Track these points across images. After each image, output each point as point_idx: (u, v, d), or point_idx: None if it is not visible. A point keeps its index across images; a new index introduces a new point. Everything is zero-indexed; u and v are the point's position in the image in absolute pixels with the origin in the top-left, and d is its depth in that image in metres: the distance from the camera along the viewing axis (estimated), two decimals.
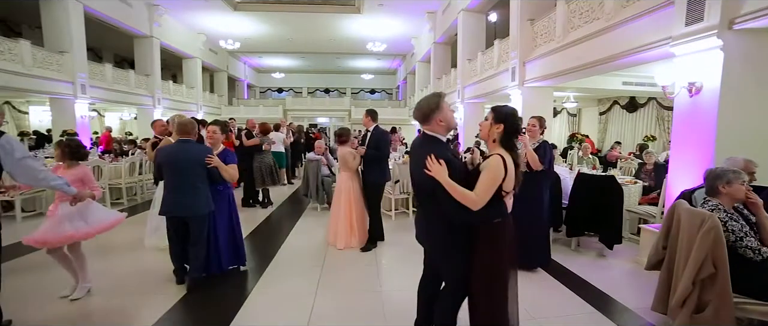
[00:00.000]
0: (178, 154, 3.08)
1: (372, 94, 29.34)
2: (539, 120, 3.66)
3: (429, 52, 15.45)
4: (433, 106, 1.88)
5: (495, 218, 1.83)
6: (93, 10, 11.13)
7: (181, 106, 16.74)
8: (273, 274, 3.68)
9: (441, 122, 1.89)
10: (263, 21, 15.87)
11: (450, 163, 1.77)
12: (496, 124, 1.86)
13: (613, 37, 4.93)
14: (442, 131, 1.92)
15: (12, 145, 2.37)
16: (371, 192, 4.35)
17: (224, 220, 3.45)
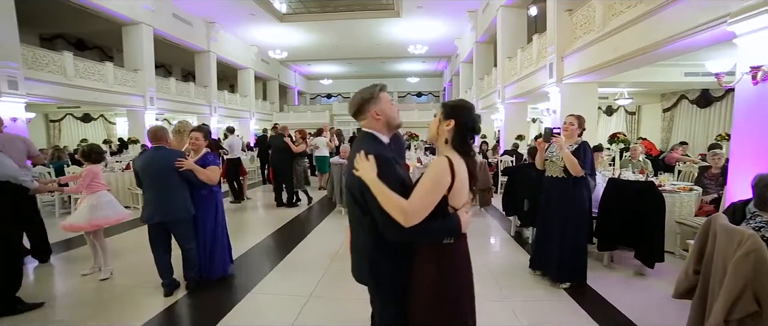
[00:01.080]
0: (152, 161, 3.12)
1: (418, 97, 29.04)
2: (578, 118, 3.19)
3: (471, 52, 14.86)
4: (366, 95, 1.50)
5: (442, 237, 1.38)
6: (161, 31, 12.31)
7: (235, 113, 17.90)
8: (274, 278, 3.66)
9: (378, 116, 1.48)
10: (308, 30, 16.42)
11: (386, 163, 1.37)
12: (446, 120, 1.42)
13: (658, 20, 4.25)
14: (381, 127, 1.51)
15: None
16: None
17: (210, 225, 3.40)
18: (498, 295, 3.21)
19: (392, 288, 1.47)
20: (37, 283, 3.62)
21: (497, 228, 5.43)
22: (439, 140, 1.47)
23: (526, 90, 8.84)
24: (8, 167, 2.99)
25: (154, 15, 11.81)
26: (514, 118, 10.22)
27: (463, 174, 1.38)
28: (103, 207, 3.50)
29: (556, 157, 3.15)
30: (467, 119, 1.41)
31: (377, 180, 1.32)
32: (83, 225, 3.45)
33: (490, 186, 6.12)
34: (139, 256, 4.02)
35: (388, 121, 1.50)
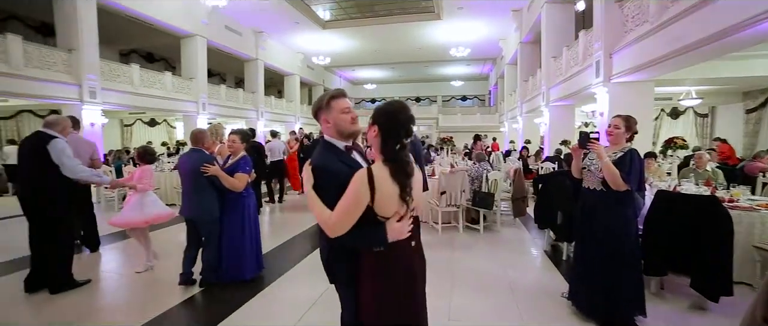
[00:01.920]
0: (185, 162, 3.33)
1: (463, 100, 28.22)
2: (626, 121, 2.63)
3: (516, 53, 14.07)
4: (318, 102, 1.51)
5: (369, 245, 1.37)
6: (214, 42, 13.14)
7: (281, 117, 18.57)
8: (288, 279, 3.59)
9: (327, 123, 1.49)
10: (350, 36, 16.60)
11: (322, 174, 1.39)
12: (371, 125, 1.36)
13: (724, 4, 3.53)
14: (333, 134, 1.49)
15: (59, 146, 3.17)
16: None
17: (236, 228, 3.39)
18: (517, 321, 2.79)
19: (347, 287, 1.51)
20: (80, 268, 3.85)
21: (530, 242, 4.90)
22: (373, 147, 1.41)
23: (572, 91, 8.05)
24: (74, 169, 3.24)
25: (209, 28, 12.59)
26: (559, 121, 9.39)
27: (387, 185, 1.30)
28: (148, 205, 3.70)
29: (595, 165, 2.63)
30: (388, 123, 1.33)
31: (311, 191, 1.38)
32: (133, 222, 3.66)
33: (525, 194, 5.58)
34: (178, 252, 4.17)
35: (338, 128, 1.48)
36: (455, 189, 5.20)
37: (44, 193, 3.20)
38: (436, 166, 6.87)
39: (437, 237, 5.06)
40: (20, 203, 3.32)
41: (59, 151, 3.20)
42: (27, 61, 7.94)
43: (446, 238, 5.00)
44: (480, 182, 5.34)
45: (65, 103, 8.77)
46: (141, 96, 10.57)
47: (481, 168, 5.43)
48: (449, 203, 5.22)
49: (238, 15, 13.60)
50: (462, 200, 5.22)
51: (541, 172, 7.33)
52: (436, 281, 3.59)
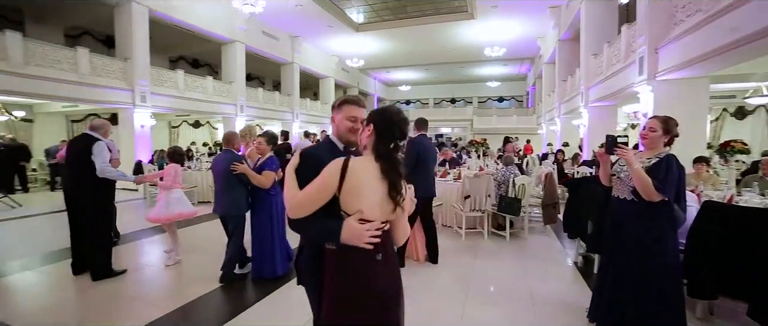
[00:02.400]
0: (217, 161, 3.56)
1: (500, 101, 27.31)
2: (663, 123, 2.30)
3: (554, 52, 13.34)
4: (336, 101, 1.59)
5: (322, 239, 1.34)
6: (252, 47, 13.67)
7: (316, 119, 18.95)
8: None
9: (333, 122, 1.57)
10: (383, 38, 16.60)
11: (309, 160, 1.40)
12: (367, 125, 1.38)
13: None
14: (336, 134, 1.55)
15: (100, 148, 3.49)
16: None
17: (264, 225, 3.51)
18: None
19: (313, 289, 1.49)
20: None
21: (559, 251, 4.57)
22: (366, 147, 1.39)
23: (612, 91, 7.45)
24: (104, 169, 3.53)
25: (247, 33, 13.14)
26: (599, 123, 8.74)
27: (361, 179, 1.27)
28: (173, 203, 3.95)
29: (625, 172, 2.34)
30: (383, 123, 1.34)
31: (291, 171, 1.38)
32: (159, 218, 3.91)
33: (556, 201, 5.22)
34: (209, 247, 4.44)
35: (338, 131, 1.53)
36: (480, 194, 4.97)
37: (87, 188, 3.50)
38: (464, 169, 6.64)
39: (460, 243, 4.87)
40: (64, 197, 3.64)
41: (99, 152, 3.50)
42: (92, 70, 8.73)
43: (469, 244, 4.79)
44: (507, 186, 5.07)
45: (121, 106, 9.50)
46: (185, 99, 11.22)
47: (508, 171, 5.15)
48: (473, 208, 5.00)
49: (275, 20, 14.05)
50: (487, 205, 4.98)
51: (576, 177, 6.84)
52: (451, 286, 3.46)
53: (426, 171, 3.86)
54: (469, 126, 22.22)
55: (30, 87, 7.73)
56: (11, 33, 7.50)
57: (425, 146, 3.87)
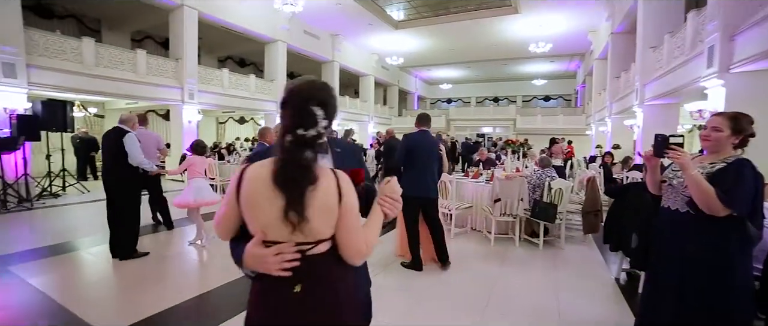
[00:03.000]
0: (252, 157, 3.68)
1: (546, 100, 25.77)
2: (732, 120, 1.84)
3: (607, 46, 12.22)
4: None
5: (237, 264, 1.05)
6: (293, 46, 14.00)
7: (355, 117, 19.06)
8: None
9: None
10: (422, 35, 16.26)
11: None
12: (281, 110, 1.07)
13: None
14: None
15: (131, 139, 3.72)
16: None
17: None
18: None
19: None
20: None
21: (599, 265, 4.07)
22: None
23: (673, 87, 6.59)
24: (136, 157, 3.78)
25: (289, 33, 13.45)
26: (655, 123, 7.79)
27: (256, 189, 0.97)
28: (197, 191, 4.21)
29: (680, 179, 1.91)
30: (286, 103, 1.01)
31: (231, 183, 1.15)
32: (183, 203, 4.22)
33: (598, 208, 4.67)
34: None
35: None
36: (512, 197, 4.58)
37: (119, 177, 3.77)
38: (498, 171, 6.22)
39: (488, 248, 4.52)
40: (103, 185, 3.89)
41: (130, 143, 3.73)
42: (148, 70, 9.38)
43: (498, 250, 4.43)
44: (542, 190, 4.62)
45: (171, 103, 10.13)
46: (229, 96, 11.73)
47: (544, 174, 4.70)
48: (504, 212, 4.62)
49: (316, 20, 14.25)
50: (519, 209, 4.57)
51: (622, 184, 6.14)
52: (470, 294, 3.19)
53: (420, 169, 3.59)
54: (512, 126, 21.18)
55: (99, 86, 8.48)
56: (86, 39, 8.37)
57: (417, 141, 3.60)
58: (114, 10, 11.09)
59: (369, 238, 1.05)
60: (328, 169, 1.00)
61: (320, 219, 0.96)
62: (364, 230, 1.05)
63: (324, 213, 0.96)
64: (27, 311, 2.75)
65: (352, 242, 1.00)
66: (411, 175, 3.56)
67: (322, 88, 1.03)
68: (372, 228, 1.08)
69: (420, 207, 3.63)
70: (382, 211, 1.09)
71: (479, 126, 23.32)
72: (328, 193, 0.96)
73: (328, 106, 1.01)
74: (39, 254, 4.00)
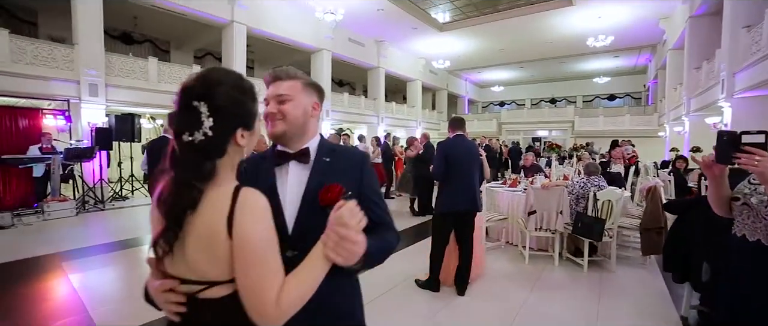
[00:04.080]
0: None
1: (611, 100, 23.15)
2: None
3: (683, 33, 10.46)
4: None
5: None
6: (338, 54, 14.15)
7: (402, 122, 18.75)
8: None
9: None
10: (470, 36, 15.50)
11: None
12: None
13: None
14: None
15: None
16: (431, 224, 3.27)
17: None
18: None
19: None
20: None
21: (660, 296, 3.23)
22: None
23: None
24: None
25: (333, 41, 13.61)
26: (749, 120, 6.32)
27: (152, 208, 0.81)
28: None
29: (761, 196, 1.33)
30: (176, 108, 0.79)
31: None
32: None
33: (661, 225, 3.77)
34: None
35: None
36: (549, 209, 3.89)
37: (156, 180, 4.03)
38: (538, 178, 5.44)
39: (520, 267, 3.89)
40: (148, 189, 4.14)
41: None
42: None
43: (532, 271, 3.77)
44: (586, 202, 3.87)
45: None
46: None
47: (590, 183, 3.93)
48: (539, 226, 3.94)
49: (359, 27, 14.25)
50: (558, 224, 3.86)
51: (703, 192, 4.99)
52: (486, 324, 2.64)
53: (460, 178, 3.08)
54: (570, 128, 19.29)
55: (162, 100, 9.29)
56: (151, 59, 9.39)
57: (454, 147, 3.10)
58: (179, 31, 12.14)
59: (287, 294, 0.73)
60: (230, 188, 0.75)
61: (199, 255, 0.73)
62: (289, 279, 0.75)
63: (204, 248, 0.72)
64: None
65: (251, 294, 0.72)
66: (452, 187, 3.09)
67: (208, 77, 0.78)
68: (300, 278, 0.76)
69: (455, 223, 3.13)
70: (325, 254, 0.78)
71: (533, 129, 21.64)
72: (212, 220, 0.72)
73: (214, 98, 0.75)
74: (110, 248, 4.45)
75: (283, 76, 1.00)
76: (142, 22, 11.60)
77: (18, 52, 7.32)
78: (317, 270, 0.77)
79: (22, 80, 7.27)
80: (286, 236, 0.91)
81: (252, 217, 0.72)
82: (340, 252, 0.76)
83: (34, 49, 7.55)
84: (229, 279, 0.74)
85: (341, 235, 0.76)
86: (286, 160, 0.99)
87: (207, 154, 0.74)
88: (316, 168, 0.98)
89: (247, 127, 0.81)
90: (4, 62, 7.04)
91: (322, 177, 0.96)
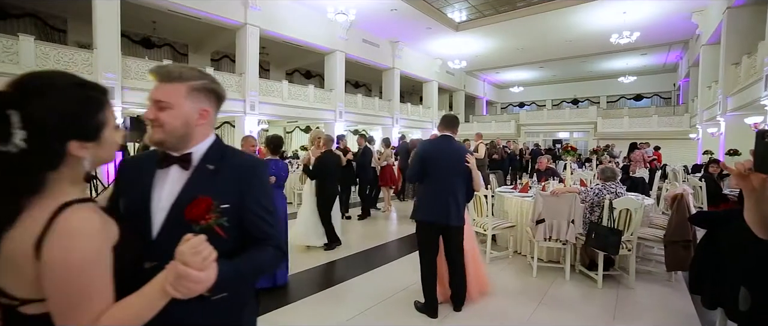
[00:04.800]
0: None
1: (637, 100, 21.92)
2: None
3: (719, 27, 9.64)
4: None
5: None
6: (352, 55, 14.00)
7: (417, 124, 18.41)
8: (315, 301, 2.94)
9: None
10: (487, 36, 15.02)
11: None
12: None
13: None
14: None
15: None
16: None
17: None
18: None
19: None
20: None
21: (687, 321, 2.80)
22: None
23: None
24: None
25: (347, 42, 13.47)
26: None
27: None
28: None
29: None
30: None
31: None
32: None
33: (689, 238, 3.31)
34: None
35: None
36: (559, 218, 3.51)
37: None
38: (551, 183, 5.03)
39: (527, 281, 3.53)
40: None
41: None
42: None
43: (539, 284, 3.41)
44: (601, 210, 3.46)
45: (236, 114, 10.76)
46: (289, 107, 12.09)
47: (605, 190, 3.52)
48: (549, 236, 3.56)
49: (373, 28, 14.06)
50: (569, 234, 3.47)
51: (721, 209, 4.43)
52: None
53: (437, 186, 2.69)
54: (593, 130, 18.37)
55: None
56: (166, 62, 9.40)
57: (435, 150, 2.74)
58: (196, 34, 12.35)
59: (109, 321, 0.70)
60: (53, 206, 0.69)
61: (8, 274, 0.69)
62: (115, 307, 0.71)
63: (12, 268, 0.68)
64: None
65: (61, 319, 0.69)
66: (426, 194, 2.73)
67: (25, 83, 0.69)
68: (127, 309, 0.72)
69: (437, 235, 2.76)
70: (163, 287, 0.72)
71: (554, 131, 20.77)
72: (21, 240, 0.67)
73: (29, 108, 0.67)
74: None
75: (165, 77, 0.89)
76: (160, 26, 11.87)
77: (42, 57, 7.55)
78: (152, 301, 0.71)
79: None
80: (150, 244, 0.86)
81: (66, 242, 0.66)
82: (179, 288, 0.70)
83: (57, 54, 7.78)
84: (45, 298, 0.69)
85: (179, 273, 0.69)
86: (169, 164, 0.90)
87: (24, 168, 0.67)
88: (193, 177, 0.90)
89: (87, 137, 0.73)
90: (30, 67, 7.26)
91: (198, 187, 0.88)
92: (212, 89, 0.94)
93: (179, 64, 0.93)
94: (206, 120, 0.93)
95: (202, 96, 0.91)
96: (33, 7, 10.34)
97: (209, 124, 0.95)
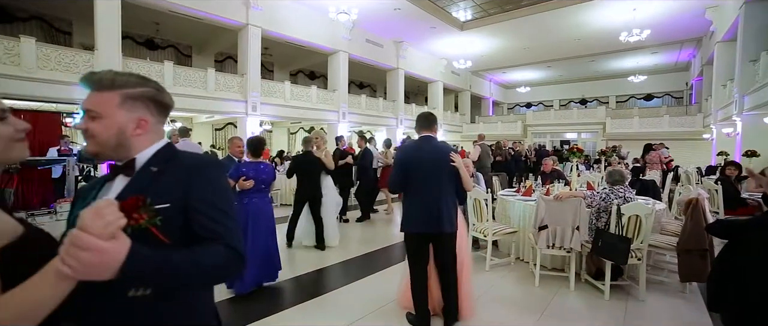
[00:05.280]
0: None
1: (648, 100, 21.34)
2: None
3: (736, 22, 9.24)
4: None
5: None
6: (356, 55, 13.83)
7: None
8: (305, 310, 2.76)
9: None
10: (492, 35, 14.72)
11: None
12: None
13: None
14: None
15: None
16: None
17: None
18: None
19: None
20: None
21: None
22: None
23: None
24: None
25: (350, 43, 13.31)
26: None
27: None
28: None
29: None
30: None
31: None
32: None
33: (705, 246, 3.04)
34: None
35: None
36: (563, 224, 3.27)
37: None
38: (557, 186, 4.78)
39: (529, 290, 3.30)
40: None
41: None
42: (216, 86, 10.03)
43: (541, 295, 3.18)
44: (608, 216, 3.21)
45: (237, 115, 10.66)
46: (291, 107, 11.96)
47: (613, 194, 3.26)
48: (552, 244, 3.32)
49: (377, 28, 13.87)
50: (574, 241, 3.23)
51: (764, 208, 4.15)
52: None
53: (421, 190, 2.46)
54: (601, 130, 17.91)
55: (177, 103, 9.13)
56: (167, 63, 9.33)
57: (416, 152, 2.52)
58: (200, 36, 12.31)
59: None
60: None
61: None
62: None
63: None
64: None
65: None
66: (413, 203, 2.50)
67: None
68: (14, 297, 0.61)
69: (428, 244, 2.54)
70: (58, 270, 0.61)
71: (561, 132, 20.33)
72: None
73: None
74: None
75: (96, 85, 0.83)
76: (163, 28, 11.85)
77: (43, 58, 7.50)
78: (44, 287, 0.60)
79: (47, 85, 7.43)
80: None
81: None
82: (68, 261, 0.59)
83: (58, 55, 7.73)
84: None
85: (72, 240, 0.60)
86: (116, 174, 0.87)
87: None
88: (133, 181, 0.84)
89: None
90: (31, 69, 7.21)
91: (137, 188, 0.82)
92: (151, 96, 0.87)
93: (114, 71, 0.86)
94: (145, 130, 0.87)
95: (139, 104, 0.86)
96: (38, 10, 10.39)
97: (152, 133, 0.89)
